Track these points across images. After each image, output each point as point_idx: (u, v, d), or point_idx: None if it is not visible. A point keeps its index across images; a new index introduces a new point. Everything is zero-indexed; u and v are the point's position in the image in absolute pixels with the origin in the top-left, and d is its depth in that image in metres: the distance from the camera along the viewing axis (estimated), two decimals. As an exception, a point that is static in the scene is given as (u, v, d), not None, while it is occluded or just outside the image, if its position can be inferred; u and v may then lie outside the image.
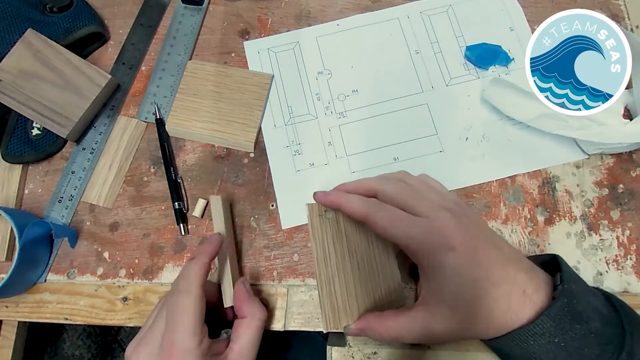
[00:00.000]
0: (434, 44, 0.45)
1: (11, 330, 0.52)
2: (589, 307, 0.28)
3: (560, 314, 0.27)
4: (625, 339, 0.27)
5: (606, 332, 0.28)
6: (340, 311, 0.32)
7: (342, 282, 0.32)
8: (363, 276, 0.33)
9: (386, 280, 0.34)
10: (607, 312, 0.29)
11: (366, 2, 0.46)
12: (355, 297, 0.32)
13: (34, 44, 0.40)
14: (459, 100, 0.43)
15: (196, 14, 0.46)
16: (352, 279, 0.33)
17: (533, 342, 0.27)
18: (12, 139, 0.41)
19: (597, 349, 0.27)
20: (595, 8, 0.45)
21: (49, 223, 0.37)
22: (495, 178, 0.40)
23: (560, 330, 0.27)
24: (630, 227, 0.38)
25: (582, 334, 0.27)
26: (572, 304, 0.27)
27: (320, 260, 0.32)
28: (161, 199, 0.40)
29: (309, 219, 0.32)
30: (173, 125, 0.41)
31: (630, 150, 0.40)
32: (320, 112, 0.43)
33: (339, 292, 0.32)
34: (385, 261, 0.35)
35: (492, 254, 0.29)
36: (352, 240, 0.34)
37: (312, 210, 0.32)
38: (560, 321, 0.27)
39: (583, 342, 0.27)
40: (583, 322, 0.27)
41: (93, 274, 0.39)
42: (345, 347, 0.36)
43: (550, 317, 0.27)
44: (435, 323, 0.29)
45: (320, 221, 0.32)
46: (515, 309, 0.28)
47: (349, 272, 0.33)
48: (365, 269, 0.33)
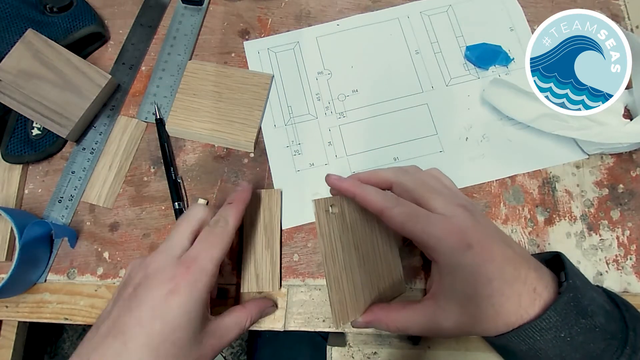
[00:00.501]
0: (434, 44, 0.45)
1: (11, 330, 0.52)
2: (593, 303, 0.28)
3: (566, 308, 0.27)
4: (628, 334, 0.28)
5: (610, 327, 0.28)
6: (349, 306, 0.31)
7: (350, 277, 0.32)
8: (368, 269, 0.33)
9: (390, 272, 0.34)
10: (610, 308, 0.29)
11: (366, 2, 0.46)
12: (361, 291, 0.32)
13: (34, 44, 0.40)
14: (459, 100, 0.43)
15: (196, 14, 0.46)
16: (358, 273, 0.32)
17: (539, 337, 0.27)
18: (12, 139, 0.41)
19: (603, 343, 0.27)
20: (595, 8, 0.45)
21: (49, 223, 0.37)
22: (495, 178, 0.40)
23: (566, 324, 0.27)
24: (630, 227, 0.38)
25: (587, 328, 0.27)
26: (578, 299, 0.28)
27: (329, 257, 0.31)
28: (161, 199, 0.40)
29: (316, 215, 0.31)
30: (173, 125, 0.41)
31: (631, 150, 0.40)
32: (320, 112, 0.43)
33: (347, 288, 0.31)
34: (389, 252, 0.35)
35: (506, 253, 0.29)
36: (357, 233, 0.33)
37: (318, 205, 0.31)
38: (566, 315, 0.27)
39: (588, 337, 0.27)
40: (588, 316, 0.27)
41: (93, 274, 0.39)
42: (345, 347, 0.36)
43: (557, 311, 0.27)
44: (444, 319, 0.29)
45: (327, 217, 0.31)
46: (526, 307, 0.28)
47: (355, 266, 0.32)
48: (370, 261, 0.33)
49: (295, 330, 0.37)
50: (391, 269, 0.34)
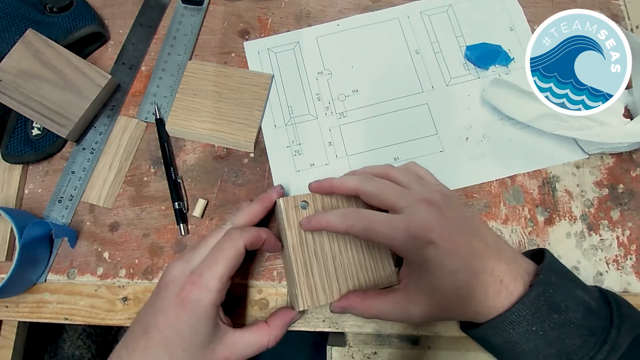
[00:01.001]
0: (434, 44, 0.45)
1: (11, 330, 0.52)
2: (569, 298, 0.28)
3: (537, 302, 0.28)
4: (610, 331, 0.28)
5: (589, 323, 0.28)
6: (319, 290, 0.33)
7: (321, 265, 0.33)
8: (347, 259, 0.34)
9: (375, 263, 0.35)
10: (595, 305, 0.29)
11: (366, 2, 0.46)
12: (336, 279, 0.33)
13: (34, 44, 0.40)
14: (459, 100, 0.43)
15: (196, 14, 0.46)
16: (332, 264, 0.34)
17: (512, 331, 0.28)
18: (12, 139, 0.41)
19: (579, 339, 0.27)
20: (595, 8, 0.45)
21: (49, 223, 0.37)
22: (495, 178, 0.40)
23: (537, 318, 0.28)
24: (630, 227, 0.38)
25: (560, 323, 0.28)
26: (549, 294, 0.28)
27: (296, 247, 0.33)
28: (161, 199, 0.40)
29: (284, 211, 0.34)
30: (173, 125, 0.41)
31: (630, 150, 0.40)
32: (320, 112, 0.43)
33: (317, 275, 0.33)
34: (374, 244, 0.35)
35: (473, 245, 0.30)
36: None
37: (286, 203, 0.34)
38: (536, 310, 0.28)
39: (563, 332, 0.28)
40: (561, 311, 0.28)
41: (93, 274, 0.39)
42: (345, 347, 0.36)
43: (526, 305, 0.28)
44: (414, 308, 0.30)
45: (296, 212, 0.34)
46: (492, 298, 0.29)
47: (328, 256, 0.34)
48: (350, 252, 0.34)
49: (295, 330, 0.37)
50: (377, 260, 0.35)
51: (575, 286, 0.30)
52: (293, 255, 0.33)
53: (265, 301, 0.38)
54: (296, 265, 0.33)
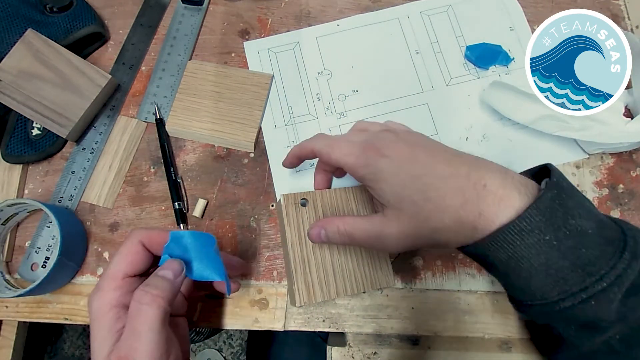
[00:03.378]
0: (434, 44, 0.45)
1: (11, 330, 0.52)
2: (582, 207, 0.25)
3: (551, 206, 0.24)
4: (627, 241, 0.25)
5: (604, 233, 0.25)
6: (316, 287, 0.33)
7: (319, 262, 0.34)
8: (345, 258, 0.35)
9: (373, 263, 0.35)
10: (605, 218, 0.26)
11: (366, 2, 0.46)
12: (333, 277, 0.34)
13: (34, 44, 0.40)
14: (459, 100, 0.43)
15: (196, 14, 0.46)
16: (330, 260, 0.34)
17: (520, 242, 0.24)
18: (12, 139, 0.41)
19: (597, 249, 0.24)
20: (595, 8, 0.45)
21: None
22: (495, 178, 0.40)
23: (551, 225, 0.24)
24: (630, 227, 0.38)
25: (577, 230, 0.24)
26: (563, 198, 0.24)
27: (295, 243, 0.33)
28: (161, 199, 0.40)
29: (284, 208, 0.34)
30: (173, 125, 0.41)
31: (630, 150, 0.40)
32: (320, 112, 0.43)
33: (315, 272, 0.33)
34: None
35: (436, 155, 0.28)
36: None
37: (287, 200, 0.34)
38: (551, 215, 0.24)
39: (579, 241, 0.24)
40: (577, 217, 0.24)
41: (93, 274, 0.39)
42: (345, 347, 0.36)
43: (540, 209, 0.24)
44: (388, 227, 0.29)
45: (296, 209, 0.34)
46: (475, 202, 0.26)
47: (326, 254, 0.34)
48: (348, 251, 0.35)
49: (295, 330, 0.37)
50: (375, 260, 0.35)
51: (584, 198, 0.27)
52: (292, 251, 0.33)
53: (265, 301, 0.38)
54: (294, 261, 0.33)
